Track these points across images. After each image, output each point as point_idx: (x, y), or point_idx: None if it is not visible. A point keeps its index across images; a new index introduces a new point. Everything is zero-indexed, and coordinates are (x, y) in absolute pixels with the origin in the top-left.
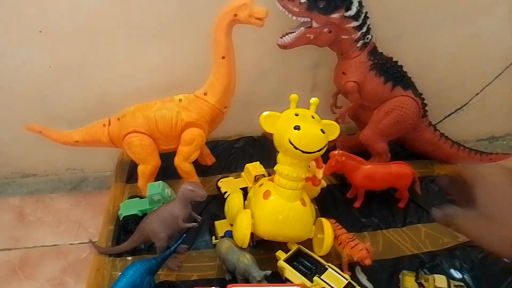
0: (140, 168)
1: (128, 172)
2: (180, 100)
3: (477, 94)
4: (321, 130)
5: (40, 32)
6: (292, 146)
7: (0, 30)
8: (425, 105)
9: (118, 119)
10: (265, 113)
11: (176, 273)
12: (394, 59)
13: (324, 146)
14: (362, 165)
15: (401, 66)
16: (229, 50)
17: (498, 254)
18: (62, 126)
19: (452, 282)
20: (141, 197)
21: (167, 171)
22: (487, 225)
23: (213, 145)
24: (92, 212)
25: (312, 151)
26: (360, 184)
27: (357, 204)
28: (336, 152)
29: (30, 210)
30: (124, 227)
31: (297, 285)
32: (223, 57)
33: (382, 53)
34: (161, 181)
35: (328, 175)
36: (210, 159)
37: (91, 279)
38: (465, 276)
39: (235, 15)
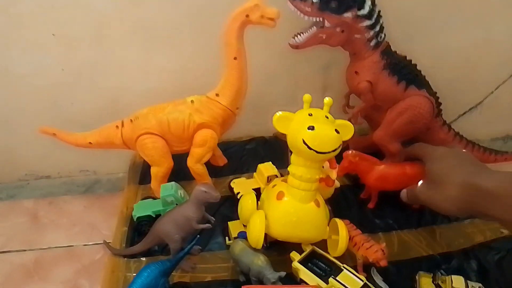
0: (153, 170)
1: (141, 173)
2: (192, 101)
3: (491, 93)
4: (336, 130)
5: (53, 35)
6: (306, 146)
7: (13, 35)
8: (440, 104)
9: (131, 120)
10: (278, 113)
11: (190, 274)
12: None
13: (339, 147)
14: (376, 165)
15: (415, 65)
16: (241, 51)
17: (443, 211)
18: (74, 129)
19: (470, 283)
20: (154, 198)
21: (179, 172)
22: (435, 189)
23: (225, 147)
24: (105, 214)
25: (327, 151)
26: (374, 184)
27: (371, 205)
28: (350, 152)
29: (44, 212)
30: (138, 229)
31: (312, 286)
32: (235, 58)
33: (396, 52)
34: (174, 182)
35: (341, 176)
36: (222, 160)
37: (105, 281)
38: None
39: (247, 15)
